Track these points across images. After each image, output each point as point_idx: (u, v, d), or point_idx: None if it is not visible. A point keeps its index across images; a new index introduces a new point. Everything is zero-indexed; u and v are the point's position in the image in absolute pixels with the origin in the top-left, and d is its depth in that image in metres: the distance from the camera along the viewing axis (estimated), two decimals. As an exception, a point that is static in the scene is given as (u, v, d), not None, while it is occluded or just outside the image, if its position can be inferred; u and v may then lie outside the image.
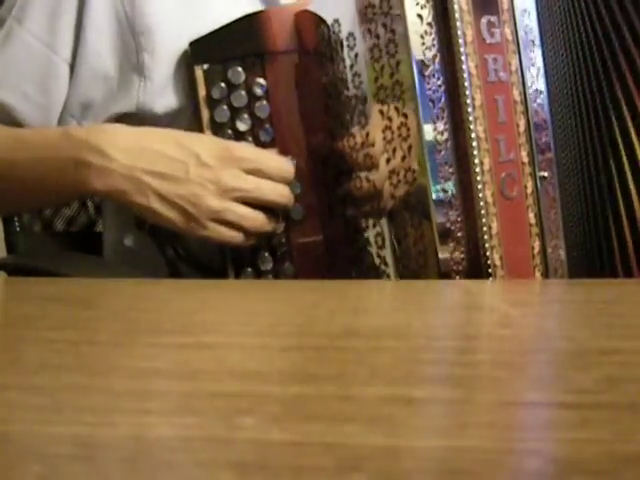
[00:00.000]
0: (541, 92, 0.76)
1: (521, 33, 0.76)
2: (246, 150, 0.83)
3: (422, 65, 0.75)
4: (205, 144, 0.82)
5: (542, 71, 0.76)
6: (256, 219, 0.82)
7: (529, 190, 0.76)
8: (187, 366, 0.39)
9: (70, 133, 0.83)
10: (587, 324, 0.53)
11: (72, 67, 0.90)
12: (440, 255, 0.75)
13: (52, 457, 0.27)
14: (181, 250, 0.87)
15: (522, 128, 0.76)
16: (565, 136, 0.78)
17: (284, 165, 0.83)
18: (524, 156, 0.75)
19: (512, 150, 0.75)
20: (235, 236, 0.82)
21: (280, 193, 0.83)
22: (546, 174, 0.76)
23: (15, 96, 0.90)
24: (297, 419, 0.31)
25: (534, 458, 0.26)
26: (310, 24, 0.84)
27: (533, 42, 0.76)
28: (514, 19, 0.76)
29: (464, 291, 0.71)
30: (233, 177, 0.81)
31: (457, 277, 0.75)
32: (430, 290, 0.73)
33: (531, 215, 0.76)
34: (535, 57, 0.76)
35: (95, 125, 0.87)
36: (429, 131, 0.75)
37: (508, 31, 0.76)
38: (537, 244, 0.76)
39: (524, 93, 0.76)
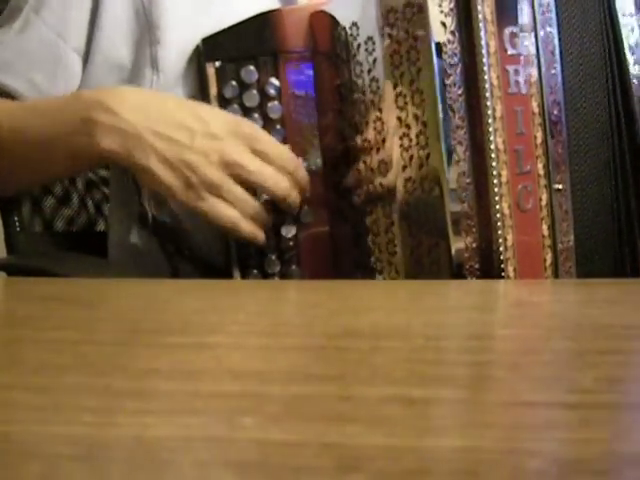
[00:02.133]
0: (558, 104, 0.76)
1: (541, 45, 0.76)
2: (257, 130, 0.82)
3: (444, 74, 0.74)
4: (217, 116, 0.81)
5: (560, 83, 0.76)
6: (250, 204, 0.81)
7: (543, 202, 0.76)
8: (187, 366, 0.39)
9: (81, 94, 0.84)
10: (587, 324, 0.53)
11: (85, 57, 0.90)
12: (455, 264, 0.75)
13: (52, 457, 0.27)
14: (185, 249, 0.87)
15: (539, 140, 0.75)
16: (579, 149, 0.78)
17: (289, 157, 0.82)
18: (540, 168, 0.75)
19: (529, 162, 0.75)
20: (230, 215, 0.81)
21: (279, 183, 0.81)
22: (561, 187, 0.76)
23: (24, 84, 0.90)
24: (297, 419, 0.31)
25: (534, 458, 0.26)
26: (325, 25, 0.83)
27: (552, 54, 0.76)
28: (535, 31, 0.76)
29: (464, 291, 0.71)
30: (238, 152, 0.80)
31: None
32: (430, 290, 0.73)
33: (544, 227, 0.75)
34: (554, 69, 0.76)
35: (106, 87, 0.86)
36: (448, 140, 0.74)
37: (529, 43, 0.75)
38: (549, 256, 0.76)
39: (542, 105, 0.75)
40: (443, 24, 0.74)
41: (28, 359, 0.42)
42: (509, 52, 0.75)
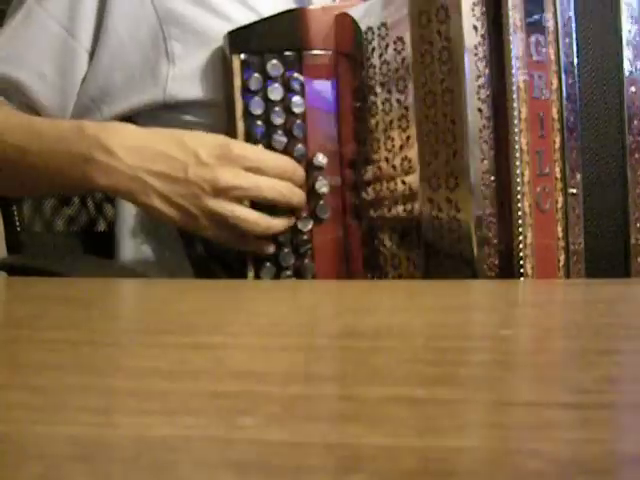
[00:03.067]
0: (575, 111, 0.79)
1: (562, 54, 0.78)
2: (246, 148, 0.83)
3: (474, 75, 0.76)
4: (205, 143, 0.83)
5: (578, 92, 0.78)
6: (255, 220, 0.82)
7: (559, 205, 0.78)
8: (187, 366, 0.39)
9: (82, 129, 0.84)
10: (587, 324, 0.53)
11: (92, 52, 0.90)
12: (475, 259, 0.76)
13: (52, 457, 0.27)
14: (205, 244, 0.88)
15: (557, 145, 0.78)
16: (592, 156, 0.80)
17: (284, 163, 0.83)
18: (557, 172, 0.78)
19: (548, 165, 0.77)
20: (234, 238, 0.82)
21: (280, 191, 0.82)
22: (575, 191, 0.78)
23: (31, 75, 0.90)
24: (297, 419, 0.31)
25: (534, 458, 0.26)
26: (348, 27, 0.85)
27: (572, 64, 0.78)
28: (557, 41, 0.78)
29: (464, 291, 0.71)
30: (231, 175, 0.81)
31: None
32: (430, 290, 0.73)
33: (559, 229, 0.78)
34: (572, 78, 0.78)
35: (107, 123, 0.87)
36: (475, 139, 0.77)
37: (552, 51, 0.78)
38: (562, 257, 0.78)
39: (561, 111, 0.78)
40: (475, 27, 0.77)
41: (28, 359, 0.42)
42: (534, 58, 0.78)
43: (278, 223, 0.83)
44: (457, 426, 0.30)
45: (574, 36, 0.79)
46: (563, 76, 0.78)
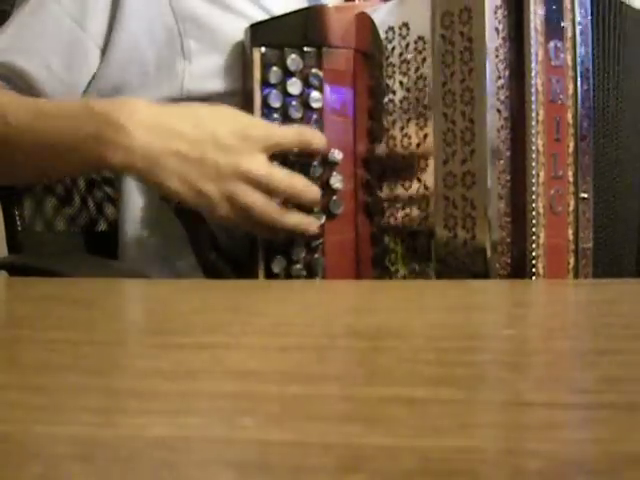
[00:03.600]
0: (589, 118, 0.81)
1: (579, 62, 0.81)
2: (263, 129, 0.83)
3: (495, 76, 0.78)
4: (224, 124, 0.82)
5: (592, 99, 0.79)
6: (267, 207, 0.82)
7: (570, 208, 0.80)
8: (187, 366, 0.39)
9: (92, 107, 0.83)
10: (587, 324, 0.53)
11: (104, 48, 0.90)
12: (488, 257, 0.77)
13: (52, 457, 0.27)
14: (208, 231, 0.88)
15: (571, 149, 0.80)
16: (606, 163, 0.82)
17: (304, 134, 0.84)
18: (570, 175, 0.80)
19: (562, 167, 0.78)
20: (243, 221, 0.82)
21: (291, 184, 0.82)
22: (586, 195, 0.79)
23: (38, 66, 0.89)
24: (297, 419, 0.31)
25: (534, 458, 0.26)
26: (367, 26, 0.87)
27: (587, 70, 0.79)
28: (574, 48, 0.80)
29: (464, 291, 0.71)
30: (249, 160, 0.81)
31: None
32: (430, 290, 0.73)
33: (570, 232, 0.79)
34: (587, 85, 0.80)
35: (117, 99, 0.86)
36: (492, 139, 0.78)
37: (569, 57, 0.80)
38: (572, 260, 0.79)
39: (575, 117, 0.80)
40: (496, 30, 0.79)
41: (28, 359, 0.42)
42: (553, 63, 0.80)
43: (290, 216, 0.83)
44: (458, 426, 0.30)
45: (590, 44, 0.81)
46: (579, 82, 0.80)
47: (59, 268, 0.86)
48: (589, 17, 0.80)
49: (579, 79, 0.80)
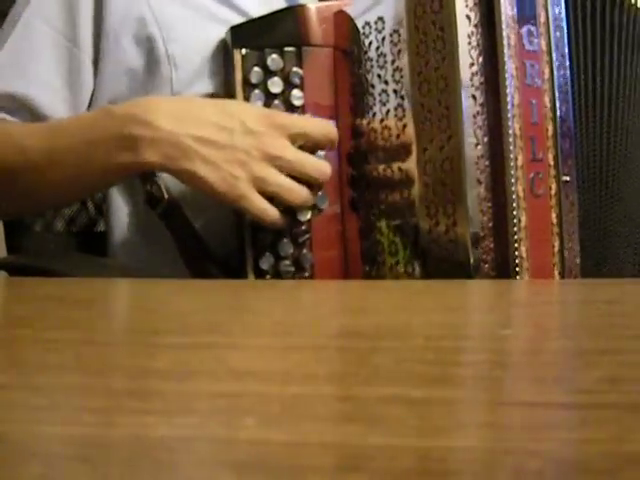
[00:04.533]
0: (567, 102, 0.81)
1: (554, 46, 0.81)
2: (290, 117, 0.84)
3: (467, 62, 0.79)
4: (249, 112, 0.83)
5: (569, 82, 0.81)
6: (296, 190, 0.82)
7: (553, 191, 0.80)
8: (187, 366, 0.39)
9: (112, 111, 0.82)
10: (587, 324, 0.53)
11: (96, 60, 0.89)
12: (471, 242, 0.77)
13: (52, 457, 0.27)
14: (195, 232, 0.87)
15: (550, 132, 0.80)
16: (584, 145, 0.82)
17: (327, 127, 0.85)
18: (550, 158, 0.80)
19: (541, 151, 0.79)
20: (271, 210, 0.82)
21: (320, 169, 0.83)
22: (568, 178, 0.79)
23: (41, 89, 0.88)
24: (297, 419, 0.31)
25: (534, 458, 0.26)
26: (346, 24, 0.87)
27: (563, 56, 0.81)
28: (549, 32, 0.81)
29: (464, 291, 0.71)
30: (278, 145, 0.81)
31: (486, 266, 0.78)
32: (430, 290, 0.73)
33: (553, 215, 0.80)
34: (564, 69, 0.80)
35: (134, 100, 0.86)
36: (469, 125, 0.78)
37: (544, 42, 0.81)
38: (556, 243, 0.80)
39: (553, 100, 0.80)
40: (468, 17, 0.79)
41: (27, 359, 0.42)
42: (527, 48, 0.80)
43: (313, 197, 0.84)
44: (457, 426, 0.30)
45: (565, 29, 0.81)
46: (555, 66, 0.80)
47: (59, 268, 0.86)
48: (563, 2, 0.81)
49: (555, 64, 0.80)
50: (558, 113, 0.80)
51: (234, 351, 0.44)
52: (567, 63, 0.81)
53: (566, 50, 0.81)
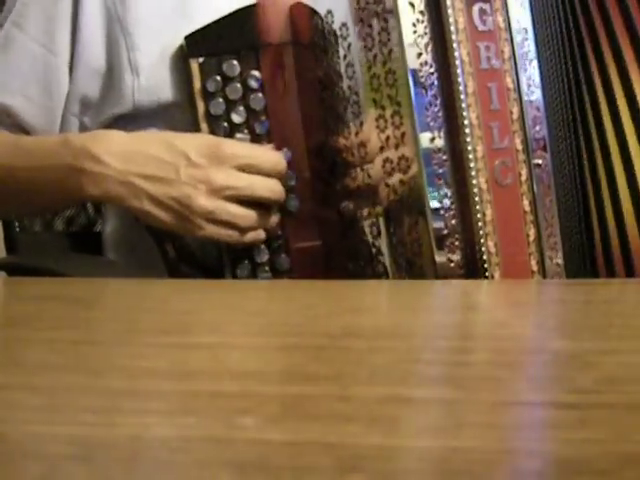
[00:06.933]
0: (534, 80, 0.76)
1: (514, 22, 0.76)
2: (237, 146, 0.83)
3: (415, 53, 0.75)
4: (195, 143, 0.83)
5: (535, 60, 0.76)
6: (249, 217, 0.83)
7: (523, 177, 0.76)
8: (187, 366, 0.39)
9: (69, 141, 0.85)
10: (587, 324, 0.53)
11: (70, 67, 0.90)
12: (435, 241, 0.75)
13: (52, 457, 0.27)
14: (177, 248, 0.88)
15: (515, 116, 0.76)
16: (557, 125, 0.78)
17: (276, 158, 0.84)
18: (518, 143, 0.76)
19: (506, 137, 0.75)
20: (230, 234, 0.83)
21: (272, 189, 0.83)
22: (540, 162, 0.76)
23: (18, 99, 0.91)
24: (297, 419, 0.31)
25: (534, 458, 0.26)
26: (304, 16, 0.84)
27: (526, 30, 0.76)
28: (506, 7, 0.76)
29: (463, 291, 0.71)
30: (224, 176, 0.82)
31: (452, 264, 0.75)
32: (430, 290, 0.73)
33: (526, 202, 0.76)
34: (528, 45, 0.76)
35: (92, 132, 0.88)
36: (422, 118, 0.75)
37: (500, 19, 0.76)
38: (532, 232, 0.76)
39: (517, 81, 0.76)
40: (411, 4, 0.75)
41: (27, 359, 0.42)
42: (479, 29, 0.75)
43: (269, 217, 0.84)
44: (456, 426, 0.30)
45: (527, 3, 0.76)
46: (516, 44, 0.76)
47: (58, 268, 0.86)
48: None
49: (516, 40, 0.75)
50: (524, 94, 0.75)
51: (233, 351, 0.43)
52: (532, 37, 0.76)
53: (530, 25, 0.76)
